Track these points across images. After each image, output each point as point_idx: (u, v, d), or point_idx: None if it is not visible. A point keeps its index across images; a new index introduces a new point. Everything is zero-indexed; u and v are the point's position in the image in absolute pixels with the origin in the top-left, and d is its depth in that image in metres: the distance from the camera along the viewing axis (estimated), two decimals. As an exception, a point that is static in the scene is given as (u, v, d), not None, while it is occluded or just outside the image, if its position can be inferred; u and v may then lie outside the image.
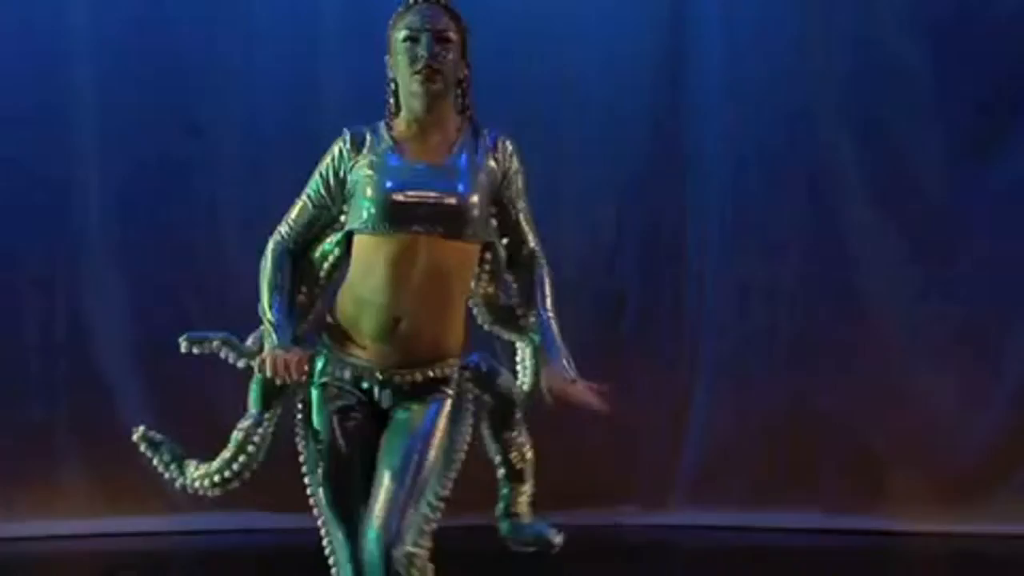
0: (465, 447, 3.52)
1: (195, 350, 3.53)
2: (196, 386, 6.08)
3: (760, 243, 6.83)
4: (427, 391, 3.49)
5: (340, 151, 3.48)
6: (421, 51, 3.36)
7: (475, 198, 3.41)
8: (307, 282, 3.54)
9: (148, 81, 6.54)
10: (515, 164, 3.50)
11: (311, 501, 3.51)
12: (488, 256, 3.50)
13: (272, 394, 3.53)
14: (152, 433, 3.65)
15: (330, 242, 3.54)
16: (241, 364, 3.53)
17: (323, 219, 3.52)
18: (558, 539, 3.58)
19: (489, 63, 3.91)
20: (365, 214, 3.41)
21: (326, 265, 3.53)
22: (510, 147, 3.49)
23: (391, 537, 3.33)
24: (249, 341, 3.53)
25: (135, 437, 3.65)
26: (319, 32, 6.65)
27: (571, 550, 3.93)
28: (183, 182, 6.56)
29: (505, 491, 3.61)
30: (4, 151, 6.56)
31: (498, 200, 3.49)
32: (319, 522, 3.52)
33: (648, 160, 6.88)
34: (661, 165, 6.87)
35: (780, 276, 6.84)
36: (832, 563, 6.30)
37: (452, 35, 3.40)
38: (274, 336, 3.44)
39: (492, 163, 3.46)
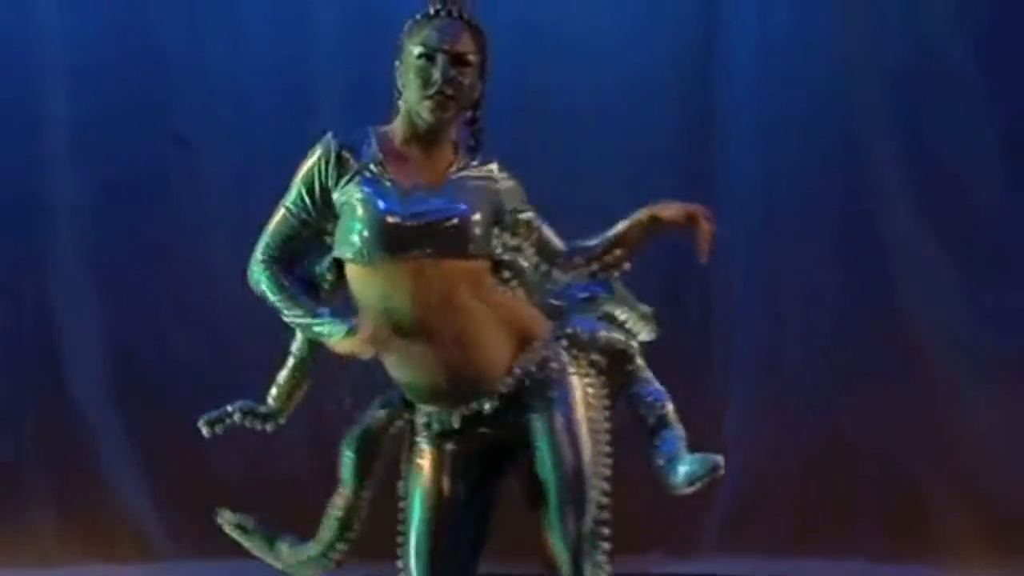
0: (607, 417, 3.34)
1: (217, 430, 3.40)
2: (177, 416, 5.66)
3: (794, 265, 6.37)
4: (540, 387, 3.26)
5: (325, 160, 3.18)
6: (436, 75, 3.14)
7: (477, 216, 3.19)
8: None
9: (125, 83, 6.08)
10: (513, 182, 3.33)
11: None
12: (507, 274, 3.25)
13: (367, 466, 3.36)
14: (240, 517, 3.50)
15: (321, 266, 3.27)
16: (270, 428, 3.41)
17: (305, 233, 3.22)
18: (719, 458, 3.32)
19: (515, 75, 3.66)
20: (357, 239, 3.12)
21: (323, 291, 3.29)
22: (502, 168, 3.32)
23: (575, 544, 3.27)
24: (270, 399, 3.37)
25: (221, 522, 3.49)
26: (313, 31, 6.16)
27: None
28: (164, 193, 6.09)
29: (656, 442, 3.38)
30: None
31: (502, 221, 3.29)
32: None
33: (677, 173, 6.46)
34: (690, 178, 6.45)
35: (816, 299, 6.38)
36: None
37: (471, 56, 3.18)
38: (331, 324, 3.18)
39: (491, 185, 3.28)
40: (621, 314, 3.49)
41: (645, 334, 3.50)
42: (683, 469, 3.31)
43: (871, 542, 6.11)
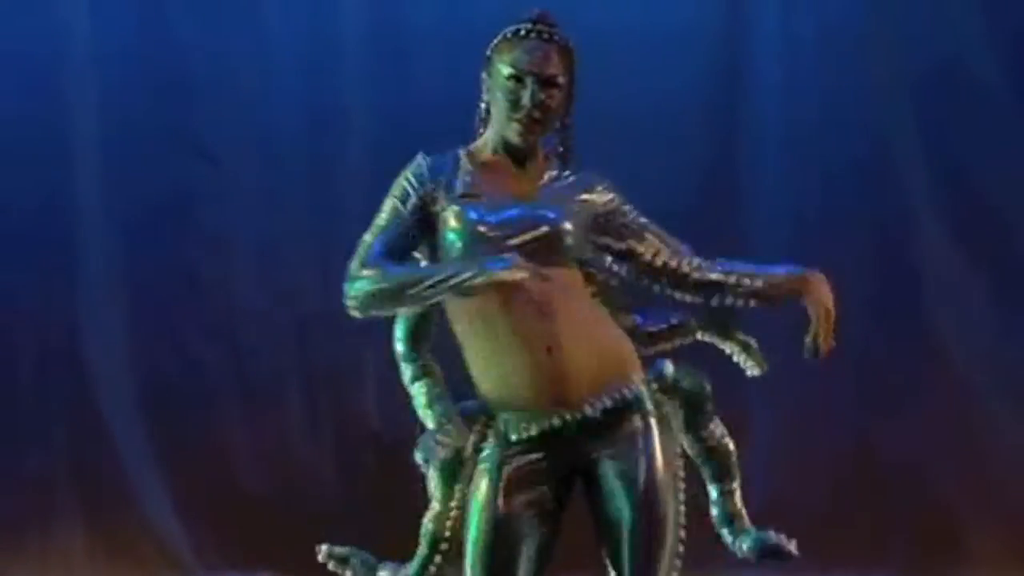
0: (681, 465, 3.32)
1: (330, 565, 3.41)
2: (203, 432, 5.73)
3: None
4: (623, 422, 3.21)
5: (416, 176, 3.20)
6: (525, 99, 3.14)
7: (568, 224, 3.17)
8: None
9: (153, 103, 6.16)
10: (612, 193, 3.32)
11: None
12: (592, 289, 3.25)
13: (454, 479, 3.27)
14: (338, 549, 3.42)
15: None
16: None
17: (400, 243, 3.18)
18: (791, 546, 3.44)
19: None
20: (452, 251, 3.14)
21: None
22: (602, 180, 3.33)
23: None
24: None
25: (321, 558, 3.42)
26: (340, 50, 6.19)
27: None
28: (191, 211, 6.15)
29: (715, 495, 3.46)
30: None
31: (608, 232, 3.29)
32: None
33: (704, 185, 6.51)
34: (716, 191, 6.50)
35: (845, 316, 6.40)
36: None
37: (561, 79, 3.17)
38: (479, 267, 3.04)
39: (586, 196, 3.26)
40: (720, 344, 3.45)
41: (751, 368, 3.48)
42: (760, 537, 3.53)
43: (900, 558, 6.13)
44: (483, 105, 3.26)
